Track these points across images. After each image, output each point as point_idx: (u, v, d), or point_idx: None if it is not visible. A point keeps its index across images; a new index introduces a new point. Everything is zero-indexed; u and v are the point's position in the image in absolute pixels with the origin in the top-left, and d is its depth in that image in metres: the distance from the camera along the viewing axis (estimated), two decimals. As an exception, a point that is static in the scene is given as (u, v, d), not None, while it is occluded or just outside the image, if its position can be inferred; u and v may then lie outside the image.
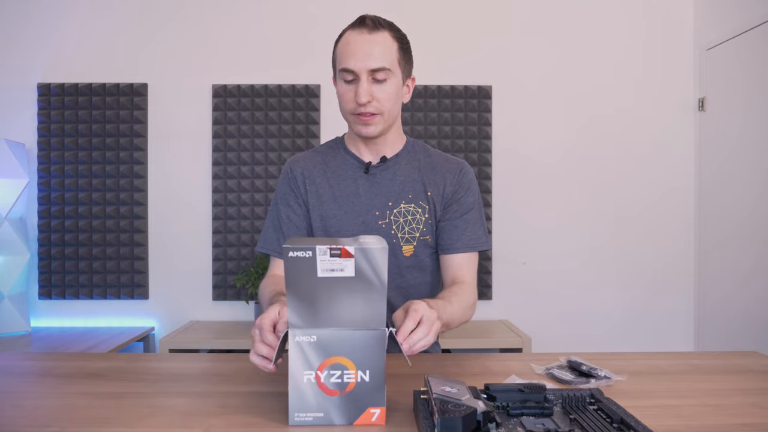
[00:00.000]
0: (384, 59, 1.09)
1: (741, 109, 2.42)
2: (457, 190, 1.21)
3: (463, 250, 1.19)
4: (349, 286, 0.73)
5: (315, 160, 1.25)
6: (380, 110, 1.11)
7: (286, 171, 1.25)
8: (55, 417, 0.78)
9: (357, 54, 1.08)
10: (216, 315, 2.67)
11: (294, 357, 0.74)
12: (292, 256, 0.72)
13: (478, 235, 1.21)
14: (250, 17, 2.66)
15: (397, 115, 1.18)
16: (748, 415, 0.79)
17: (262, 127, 2.64)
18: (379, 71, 1.08)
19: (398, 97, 1.14)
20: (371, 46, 1.08)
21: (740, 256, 2.40)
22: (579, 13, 2.71)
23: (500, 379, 0.95)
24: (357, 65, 1.08)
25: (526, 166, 2.70)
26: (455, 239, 1.19)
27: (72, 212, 2.62)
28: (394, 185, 1.20)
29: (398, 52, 1.12)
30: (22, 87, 2.62)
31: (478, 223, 1.22)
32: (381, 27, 1.10)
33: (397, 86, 1.13)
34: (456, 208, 1.20)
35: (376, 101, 1.10)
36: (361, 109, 1.10)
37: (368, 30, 1.09)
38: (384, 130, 1.16)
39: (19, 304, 2.44)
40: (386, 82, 1.10)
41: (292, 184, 1.23)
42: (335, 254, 0.72)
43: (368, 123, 1.12)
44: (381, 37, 1.09)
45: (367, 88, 1.09)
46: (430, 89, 2.65)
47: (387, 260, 0.73)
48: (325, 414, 0.74)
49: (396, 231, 1.19)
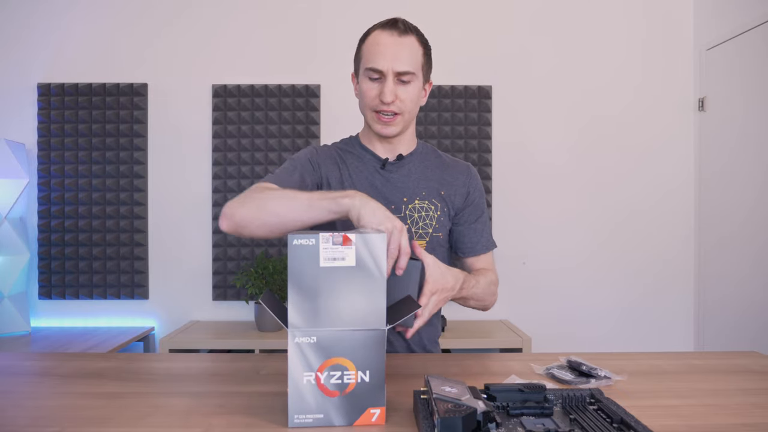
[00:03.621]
0: (411, 63, 1.13)
1: (741, 109, 2.42)
2: (471, 192, 1.28)
3: (484, 251, 1.28)
4: (349, 277, 0.74)
5: (332, 153, 1.28)
6: (402, 110, 1.16)
7: (310, 150, 1.26)
8: (55, 417, 0.78)
9: (386, 55, 1.12)
10: (216, 315, 2.67)
11: (293, 358, 0.74)
12: (296, 244, 0.74)
13: (489, 234, 1.30)
14: (251, 17, 2.66)
15: (414, 117, 1.22)
16: (748, 415, 0.79)
17: (262, 127, 2.64)
18: (406, 74, 1.13)
19: (418, 99, 1.19)
20: (400, 48, 1.12)
21: (740, 256, 2.40)
22: (579, 13, 2.71)
23: (500, 379, 0.95)
24: (386, 65, 1.12)
25: (526, 166, 2.70)
26: (476, 242, 1.27)
27: (72, 212, 2.62)
28: (410, 182, 1.25)
29: (423, 57, 1.17)
30: (22, 87, 2.63)
31: (488, 223, 1.31)
32: (410, 31, 1.15)
33: (419, 89, 1.17)
34: (472, 210, 1.28)
35: (400, 101, 1.15)
36: (384, 107, 1.14)
37: (399, 33, 1.13)
38: (402, 130, 1.21)
39: (19, 304, 2.44)
40: (410, 85, 1.15)
41: (313, 163, 1.23)
42: (337, 242, 0.74)
43: (389, 123, 1.17)
44: (409, 40, 1.14)
45: (393, 88, 1.13)
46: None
47: (385, 248, 0.75)
48: (325, 415, 0.74)
49: (410, 225, 1.22)
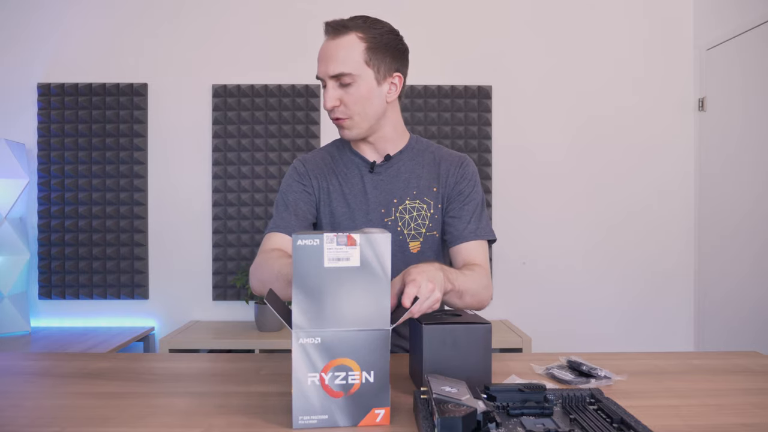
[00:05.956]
0: (344, 64, 1.07)
1: (741, 109, 2.41)
2: (459, 181, 1.21)
3: (471, 237, 1.17)
4: (354, 278, 0.74)
5: (324, 159, 1.26)
6: (348, 114, 1.11)
7: (295, 167, 1.25)
8: (55, 417, 0.78)
9: (321, 60, 1.10)
10: (216, 315, 2.67)
11: (298, 359, 0.74)
12: (300, 245, 0.73)
13: (484, 224, 1.20)
14: (250, 17, 2.66)
15: (378, 116, 1.15)
16: (748, 415, 0.79)
17: (262, 127, 2.64)
18: (342, 76, 1.08)
19: (369, 98, 1.11)
20: (333, 51, 1.08)
21: (740, 256, 2.40)
22: (579, 13, 2.71)
23: (500, 379, 0.95)
24: (321, 72, 1.10)
25: (527, 166, 2.69)
26: (462, 228, 1.18)
27: (72, 212, 2.62)
28: (398, 182, 1.21)
29: (366, 53, 1.09)
30: (22, 87, 2.62)
31: (482, 213, 1.21)
32: (345, 30, 1.08)
33: (366, 88, 1.10)
34: (460, 199, 1.20)
35: (344, 105, 1.11)
36: (331, 115, 1.13)
37: (332, 35, 1.10)
38: (365, 132, 1.16)
39: (19, 304, 2.44)
40: (351, 86, 1.09)
41: (304, 179, 1.23)
42: (342, 242, 0.74)
43: (342, 126, 1.14)
44: (344, 41, 1.08)
45: (333, 93, 1.10)
46: (430, 89, 2.65)
47: (390, 248, 0.75)
48: (329, 416, 0.74)
49: (402, 227, 1.19)
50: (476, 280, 1.07)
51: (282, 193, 1.23)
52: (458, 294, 1.01)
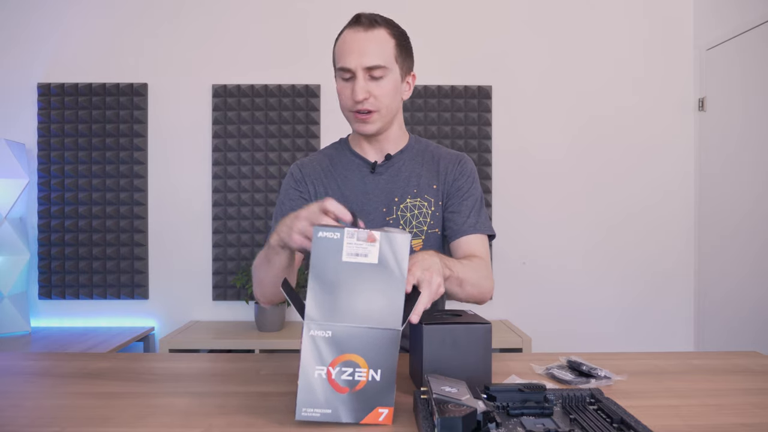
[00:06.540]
0: (380, 57, 1.09)
1: (741, 109, 2.42)
2: (458, 177, 1.23)
3: (470, 231, 1.18)
4: (370, 275, 0.74)
5: (322, 162, 1.26)
6: (377, 107, 1.12)
7: (291, 173, 1.26)
8: (55, 417, 0.78)
9: (353, 52, 1.09)
10: (216, 315, 2.67)
11: (306, 351, 0.74)
12: (320, 236, 0.74)
13: (484, 219, 1.21)
14: (250, 17, 2.66)
15: (396, 112, 1.18)
16: (748, 415, 0.79)
17: (262, 127, 2.64)
18: (376, 69, 1.09)
19: (396, 93, 1.15)
20: (367, 43, 1.09)
21: (740, 256, 2.40)
22: (579, 13, 2.71)
23: (500, 379, 0.94)
24: (353, 63, 1.09)
25: (526, 165, 2.70)
26: (461, 223, 1.19)
27: (72, 212, 2.62)
28: (399, 181, 1.22)
29: (395, 49, 1.12)
30: (22, 87, 2.63)
31: (481, 209, 1.22)
32: (377, 24, 1.10)
33: (394, 83, 1.13)
34: (459, 194, 1.21)
35: (373, 98, 1.11)
36: (359, 107, 1.11)
37: (364, 28, 1.10)
38: (383, 128, 1.17)
39: (19, 304, 2.44)
40: (383, 79, 1.11)
41: (300, 186, 1.24)
42: (362, 238, 0.74)
43: (366, 120, 1.13)
44: (377, 34, 1.10)
45: (364, 85, 1.09)
46: (430, 89, 2.65)
47: (408, 249, 0.75)
48: (333, 411, 0.74)
49: (404, 226, 1.20)
50: (476, 269, 1.07)
51: (280, 202, 1.25)
52: (458, 281, 1.01)
